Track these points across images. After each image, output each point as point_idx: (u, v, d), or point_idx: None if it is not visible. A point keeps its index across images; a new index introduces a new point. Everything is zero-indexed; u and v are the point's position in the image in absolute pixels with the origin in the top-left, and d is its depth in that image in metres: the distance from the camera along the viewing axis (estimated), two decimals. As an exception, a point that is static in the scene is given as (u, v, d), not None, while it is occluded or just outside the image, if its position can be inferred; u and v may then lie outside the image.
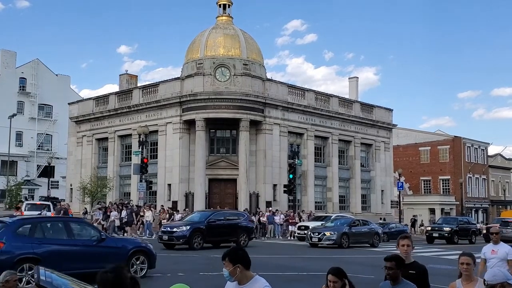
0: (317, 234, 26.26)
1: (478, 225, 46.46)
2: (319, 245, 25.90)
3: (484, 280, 3.96)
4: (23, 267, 11.62)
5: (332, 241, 25.75)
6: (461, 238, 34.37)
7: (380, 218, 43.65)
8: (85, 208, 34.85)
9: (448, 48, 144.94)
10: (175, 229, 22.54)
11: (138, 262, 13.74)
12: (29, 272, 11.58)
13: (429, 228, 36.28)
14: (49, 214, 28.09)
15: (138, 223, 31.16)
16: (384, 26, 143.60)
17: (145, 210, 30.96)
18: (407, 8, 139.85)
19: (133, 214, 30.39)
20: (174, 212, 32.55)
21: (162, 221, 31.54)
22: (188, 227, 22.45)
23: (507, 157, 76.50)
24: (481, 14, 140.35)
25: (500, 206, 66.09)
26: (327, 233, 26.02)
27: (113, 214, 30.09)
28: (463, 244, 31.93)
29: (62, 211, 27.65)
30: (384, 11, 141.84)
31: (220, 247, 22.52)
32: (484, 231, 39.46)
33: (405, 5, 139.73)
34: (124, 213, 30.28)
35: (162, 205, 34.82)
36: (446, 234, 33.74)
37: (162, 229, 23.72)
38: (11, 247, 11.84)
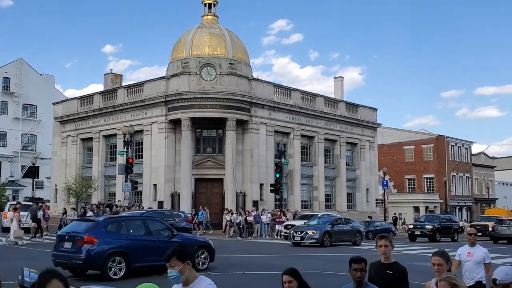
0: (299, 233, 26.38)
1: (461, 223, 47.05)
2: (302, 244, 25.99)
3: (496, 280, 3.67)
4: (114, 258, 13.35)
5: (315, 239, 25.89)
6: (443, 236, 34.66)
7: (369, 217, 43.99)
8: (64, 209, 34.55)
9: (432, 47, 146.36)
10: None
11: (202, 256, 15.30)
12: (118, 265, 13.37)
13: (411, 226, 36.58)
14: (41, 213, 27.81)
15: None
16: (369, 26, 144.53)
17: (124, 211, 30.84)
18: (391, 8, 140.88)
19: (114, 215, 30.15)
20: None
21: None
22: None
23: (490, 156, 77.50)
24: (465, 14, 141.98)
25: (484, 204, 66.91)
26: (310, 232, 26.16)
27: (89, 215, 29.83)
28: (445, 242, 32.24)
29: (38, 212, 27.43)
30: (368, 11, 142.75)
31: None
32: (468, 228, 40.31)
33: (389, 5, 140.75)
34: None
35: (134, 205, 34.24)
36: (428, 232, 34.05)
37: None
38: (103, 243, 13.42)
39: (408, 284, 5.53)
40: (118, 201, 33.41)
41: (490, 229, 37.91)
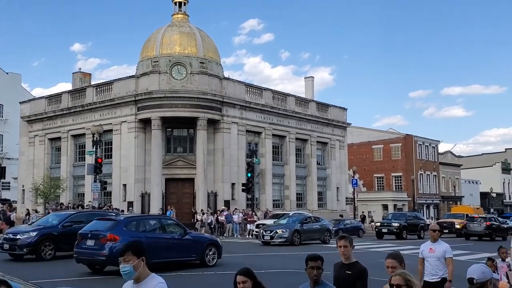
0: (269, 232, 26.42)
1: (428, 221, 47.97)
2: (272, 243, 26.00)
3: (473, 279, 3.54)
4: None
5: (284, 238, 25.92)
6: (410, 233, 35.21)
7: (340, 215, 44.49)
8: (27, 210, 33.85)
9: (400, 48, 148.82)
10: (18, 236, 17.94)
11: (211, 253, 16.44)
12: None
13: (379, 224, 37.12)
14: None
15: None
16: (339, 27, 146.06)
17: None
18: (360, 9, 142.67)
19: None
20: (120, 213, 31.49)
21: None
22: (35, 232, 17.91)
23: (456, 155, 79.27)
24: (432, 16, 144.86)
25: (451, 202, 68.36)
26: (279, 231, 26.20)
27: None
28: (412, 239, 32.73)
29: (11, 214, 26.87)
30: (338, 12, 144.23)
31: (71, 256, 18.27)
32: None
33: (359, 6, 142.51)
34: None
35: (105, 205, 33.71)
36: (395, 230, 34.55)
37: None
38: (124, 240, 13.71)
39: (366, 284, 5.47)
40: (89, 201, 32.90)
41: (457, 226, 38.86)
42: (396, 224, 34.72)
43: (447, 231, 38.93)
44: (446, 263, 7.85)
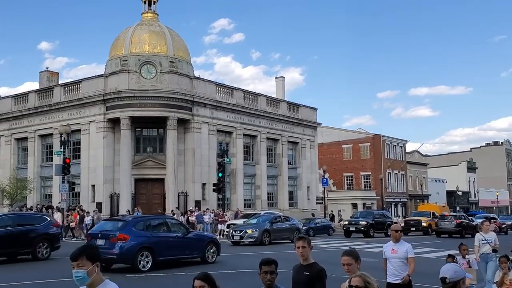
0: (238, 232, 26.28)
1: (395, 219, 48.72)
2: (241, 243, 25.88)
3: (446, 278, 3.52)
4: (143, 253, 15.18)
5: (254, 238, 25.83)
6: (377, 231, 35.68)
7: (312, 214, 44.83)
8: None
9: (368, 49, 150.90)
10: None
11: (211, 251, 17.47)
12: (146, 259, 15.23)
13: (346, 222, 37.56)
14: None
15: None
16: (309, 27, 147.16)
17: (53, 212, 29.99)
18: (330, 11, 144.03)
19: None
20: (85, 214, 31.01)
21: (71, 224, 30.42)
22: None
23: (423, 154, 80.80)
24: (399, 18, 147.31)
25: (418, 200, 69.63)
26: (249, 231, 26.09)
27: None
28: (379, 237, 33.19)
29: None
30: (308, 13, 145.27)
31: (11, 261, 17.95)
32: (402, 224, 41.92)
33: (329, 8, 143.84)
34: None
35: (76, 207, 33.09)
36: (363, 228, 34.98)
37: None
38: (133, 239, 15.31)
39: (325, 285, 5.38)
40: (59, 203, 32.32)
41: (423, 224, 39.59)
42: (363, 223, 35.12)
43: (414, 228, 39.71)
44: (408, 263, 7.81)
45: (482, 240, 11.28)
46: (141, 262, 15.14)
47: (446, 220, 37.36)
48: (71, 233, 30.56)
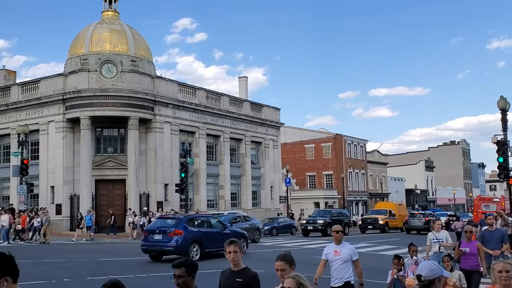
0: None
1: (354, 217, 49.37)
2: None
3: (420, 276, 3.49)
4: (194, 245, 18.33)
5: None
6: None
7: (278, 214, 45.08)
8: None
9: (330, 51, 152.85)
10: None
11: (242, 244, 19.06)
12: (196, 251, 18.38)
13: (304, 222, 37.92)
14: None
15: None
16: (272, 28, 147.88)
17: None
18: (292, 12, 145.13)
19: None
20: (34, 216, 29.35)
21: (17, 226, 29.12)
22: None
23: (383, 153, 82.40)
24: (359, 20, 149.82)
25: (378, 199, 70.91)
26: None
27: None
28: None
29: None
30: (271, 14, 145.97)
31: None
32: (360, 222, 42.55)
33: (291, 10, 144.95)
34: None
35: (23, 210, 31.83)
36: (320, 227, 35.31)
37: None
38: (186, 234, 18.38)
39: None
40: (25, 204, 31.34)
41: (380, 222, 40.25)
42: (321, 221, 35.42)
43: (371, 226, 40.41)
44: (354, 266, 7.57)
45: (434, 239, 11.12)
46: (192, 253, 17.95)
47: (415, 218, 39.48)
48: (19, 236, 28.92)
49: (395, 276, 8.46)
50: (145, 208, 33.79)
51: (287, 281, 3.56)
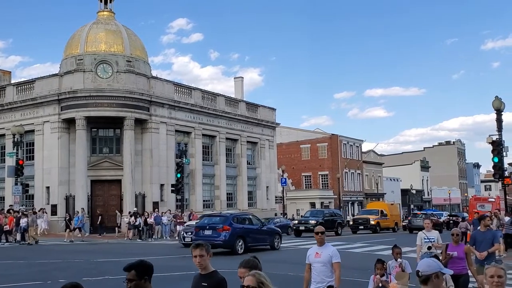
0: (190, 233, 25.42)
1: (349, 217, 49.18)
2: None
3: (419, 272, 3.61)
4: (239, 240, 20.87)
5: None
6: (327, 229, 35.38)
7: (275, 214, 45.03)
8: None
9: (325, 51, 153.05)
10: None
11: (278, 240, 23.62)
12: (241, 245, 21.07)
13: (296, 222, 37.81)
14: None
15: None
16: (268, 28, 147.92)
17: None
18: (288, 13, 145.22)
19: None
20: (21, 216, 28.60)
21: (5, 227, 28.21)
22: None
23: (379, 153, 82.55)
24: (354, 21, 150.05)
25: (374, 199, 70.96)
26: None
27: None
28: (329, 236, 33.28)
29: None
30: (267, 14, 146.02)
31: None
32: (351, 222, 42.19)
33: (287, 10, 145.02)
34: None
35: (12, 210, 31.36)
36: (312, 227, 35.02)
37: None
38: (233, 230, 21.13)
39: None
40: (22, 205, 31.19)
41: (372, 222, 40.01)
42: (313, 221, 35.17)
43: (362, 227, 39.97)
44: (333, 269, 7.10)
45: (424, 238, 10.66)
46: (237, 247, 20.50)
47: (418, 218, 40.74)
48: (5, 237, 28.39)
49: (380, 284, 7.92)
50: (135, 209, 33.71)
51: (247, 278, 3.44)
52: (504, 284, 3.92)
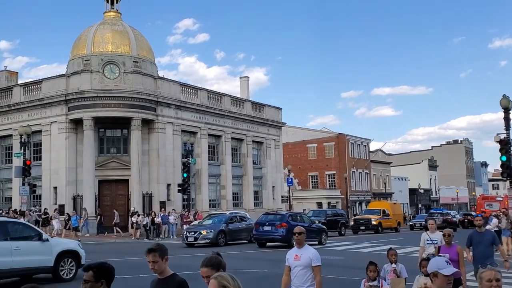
0: (193, 233, 25.70)
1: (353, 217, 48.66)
2: (196, 244, 25.34)
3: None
4: (295, 234, 19.73)
5: (208, 239, 25.33)
6: (330, 230, 34.56)
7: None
8: None
9: (332, 50, 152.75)
10: None
11: (324, 237, 27.00)
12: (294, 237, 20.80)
13: None
14: None
15: None
16: (273, 28, 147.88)
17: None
18: (294, 12, 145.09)
19: None
20: (18, 217, 29.44)
21: None
22: None
23: (386, 152, 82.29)
24: (361, 20, 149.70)
25: (382, 198, 70.67)
26: (203, 232, 25.55)
27: None
28: (332, 236, 32.94)
29: None
30: (273, 14, 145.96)
31: None
32: (352, 223, 41.20)
33: (292, 10, 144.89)
34: None
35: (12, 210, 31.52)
36: None
37: None
38: (290, 226, 23.18)
39: None
40: (34, 206, 31.33)
41: (373, 222, 39.17)
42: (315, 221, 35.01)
43: (364, 227, 39.05)
44: (314, 274, 6.55)
45: (428, 240, 10.14)
46: (293, 242, 20.62)
47: (434, 217, 39.99)
48: None
49: None
50: (133, 208, 33.83)
51: (211, 282, 3.27)
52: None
